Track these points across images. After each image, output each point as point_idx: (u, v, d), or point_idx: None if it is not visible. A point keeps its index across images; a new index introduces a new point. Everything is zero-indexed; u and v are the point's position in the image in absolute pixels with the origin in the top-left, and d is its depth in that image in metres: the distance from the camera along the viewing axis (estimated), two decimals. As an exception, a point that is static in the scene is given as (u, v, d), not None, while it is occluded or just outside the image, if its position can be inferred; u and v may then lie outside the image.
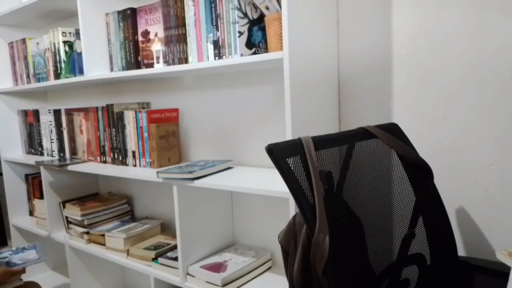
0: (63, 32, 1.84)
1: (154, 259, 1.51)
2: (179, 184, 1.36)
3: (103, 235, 1.71)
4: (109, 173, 1.61)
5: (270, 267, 1.48)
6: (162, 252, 1.54)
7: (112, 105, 1.73)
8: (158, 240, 1.66)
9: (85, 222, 1.79)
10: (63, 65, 1.86)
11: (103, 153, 1.82)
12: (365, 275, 0.84)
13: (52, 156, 2.09)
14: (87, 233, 1.79)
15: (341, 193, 0.85)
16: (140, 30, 1.58)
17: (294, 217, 0.86)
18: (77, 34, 1.87)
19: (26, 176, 2.34)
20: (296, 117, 1.10)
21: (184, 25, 1.37)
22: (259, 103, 1.47)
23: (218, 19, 1.28)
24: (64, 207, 1.89)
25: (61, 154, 2.04)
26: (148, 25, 1.55)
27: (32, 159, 2.02)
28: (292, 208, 1.09)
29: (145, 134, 1.62)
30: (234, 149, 1.57)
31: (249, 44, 1.27)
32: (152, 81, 1.85)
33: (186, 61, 1.38)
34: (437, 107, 1.14)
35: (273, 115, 1.44)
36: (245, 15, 1.25)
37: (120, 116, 1.70)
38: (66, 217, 1.88)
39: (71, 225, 1.87)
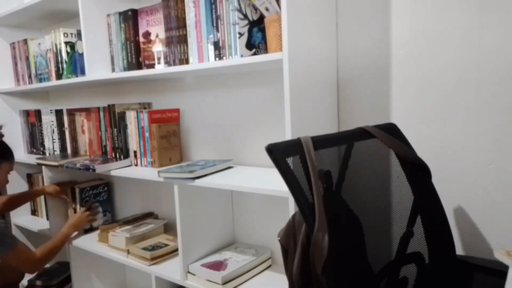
0: (64, 33, 1.85)
1: (150, 260, 1.53)
2: (180, 184, 1.37)
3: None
4: (111, 173, 1.62)
5: (270, 266, 1.49)
6: (158, 254, 1.55)
7: (113, 105, 1.74)
8: (158, 240, 1.67)
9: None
10: (64, 65, 1.87)
11: (104, 153, 1.83)
12: (364, 274, 0.85)
13: (54, 155, 2.10)
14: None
15: (340, 192, 0.86)
16: (141, 31, 1.59)
17: (293, 216, 0.87)
18: (79, 35, 1.88)
19: (28, 175, 2.35)
20: (296, 117, 1.11)
21: (184, 26, 1.38)
22: (259, 103, 1.48)
23: (219, 20, 1.29)
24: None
25: (63, 154, 2.06)
26: (149, 26, 1.56)
27: (34, 159, 2.03)
28: (291, 207, 1.10)
29: (147, 134, 1.63)
30: (235, 149, 1.58)
31: (249, 45, 1.28)
32: (153, 82, 1.86)
33: (187, 62, 1.40)
34: (435, 107, 1.15)
35: (273, 115, 1.45)
36: (245, 16, 1.26)
37: (122, 116, 1.72)
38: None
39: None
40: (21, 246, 1.55)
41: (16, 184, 2.32)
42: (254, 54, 1.29)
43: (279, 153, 0.78)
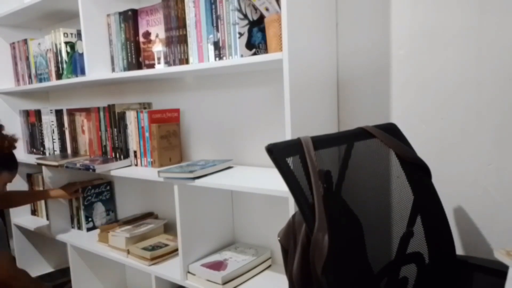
0: (64, 33, 1.85)
1: (150, 260, 1.53)
2: (180, 184, 1.37)
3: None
4: (111, 173, 1.62)
5: (270, 266, 1.49)
6: (158, 254, 1.55)
7: (113, 105, 1.74)
8: (158, 240, 1.67)
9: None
10: (64, 65, 1.87)
11: (104, 153, 1.83)
12: (364, 274, 0.85)
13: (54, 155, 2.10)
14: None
15: (340, 192, 0.86)
16: (141, 31, 1.59)
17: (293, 216, 0.87)
18: (79, 35, 1.88)
19: (28, 175, 2.35)
20: (296, 117, 1.11)
21: (184, 26, 1.38)
22: (259, 103, 1.48)
23: (219, 20, 1.29)
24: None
25: (63, 154, 2.06)
26: (149, 26, 1.56)
27: (34, 159, 2.03)
28: (291, 207, 1.10)
29: (147, 134, 1.63)
30: (235, 149, 1.58)
31: (249, 45, 1.28)
32: (153, 82, 1.86)
33: (187, 62, 1.40)
34: (435, 107, 1.15)
35: (273, 115, 1.45)
36: (245, 16, 1.26)
37: (122, 116, 1.72)
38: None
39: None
40: (5, 255, 1.52)
41: (16, 184, 2.32)
42: (254, 54, 1.29)
43: (279, 153, 0.78)
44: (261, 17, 1.30)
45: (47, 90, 2.39)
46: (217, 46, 1.30)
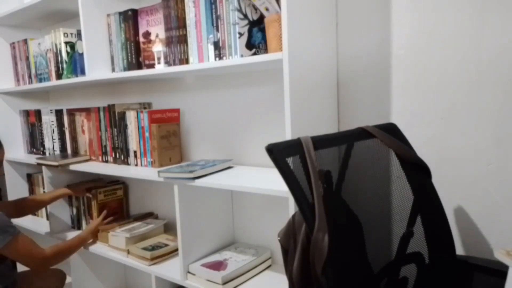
0: (64, 33, 1.85)
1: (150, 260, 1.53)
2: (180, 184, 1.37)
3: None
4: (111, 173, 1.62)
5: (269, 266, 1.49)
6: (158, 254, 1.55)
7: (113, 105, 1.74)
8: (158, 240, 1.67)
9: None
10: (64, 65, 1.87)
11: (104, 153, 1.83)
12: (364, 274, 0.85)
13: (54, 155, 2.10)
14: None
15: (340, 192, 0.86)
16: (141, 31, 1.59)
17: (293, 216, 0.87)
18: (79, 35, 1.88)
19: (28, 175, 2.35)
20: (296, 117, 1.11)
21: (184, 26, 1.38)
22: (259, 103, 1.48)
23: (219, 20, 1.29)
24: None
25: (63, 154, 2.06)
26: (149, 26, 1.56)
27: (34, 159, 2.03)
28: (291, 207, 1.10)
29: (147, 134, 1.63)
30: (234, 149, 1.58)
31: (249, 45, 1.28)
32: (153, 82, 1.86)
33: (187, 62, 1.40)
34: (435, 107, 1.15)
35: (273, 115, 1.45)
36: (245, 16, 1.26)
37: (122, 116, 1.71)
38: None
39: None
40: (25, 237, 1.45)
41: (16, 184, 2.32)
42: (254, 54, 1.29)
43: (279, 153, 0.78)
44: (261, 17, 1.30)
45: (47, 90, 2.39)
46: (217, 46, 1.30)
